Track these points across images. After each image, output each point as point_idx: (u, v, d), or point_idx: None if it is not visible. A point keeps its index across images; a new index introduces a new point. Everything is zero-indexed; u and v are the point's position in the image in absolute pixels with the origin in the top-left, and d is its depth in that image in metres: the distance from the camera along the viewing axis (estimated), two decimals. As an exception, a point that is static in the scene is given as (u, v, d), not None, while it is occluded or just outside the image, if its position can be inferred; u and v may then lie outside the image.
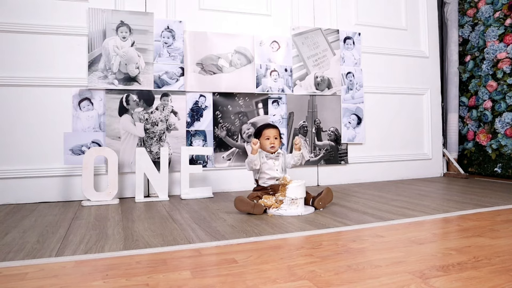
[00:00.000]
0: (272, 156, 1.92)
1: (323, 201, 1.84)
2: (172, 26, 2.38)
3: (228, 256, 1.15)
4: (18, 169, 2.10)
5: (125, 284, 0.95)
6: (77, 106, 2.21)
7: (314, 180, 2.72)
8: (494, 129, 2.93)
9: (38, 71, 2.15)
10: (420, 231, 1.43)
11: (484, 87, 3.02)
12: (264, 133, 1.91)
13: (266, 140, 1.90)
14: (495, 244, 1.24)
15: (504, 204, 1.90)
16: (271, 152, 1.92)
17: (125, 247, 1.25)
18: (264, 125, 1.94)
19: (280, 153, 1.94)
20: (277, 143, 1.92)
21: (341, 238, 1.35)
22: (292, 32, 2.67)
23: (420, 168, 3.06)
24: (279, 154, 1.94)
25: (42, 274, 1.03)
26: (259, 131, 1.95)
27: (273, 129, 1.92)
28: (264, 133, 1.91)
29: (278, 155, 1.93)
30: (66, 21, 2.20)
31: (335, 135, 2.77)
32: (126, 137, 2.28)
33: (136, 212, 1.84)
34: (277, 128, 1.95)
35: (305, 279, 0.96)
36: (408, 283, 0.93)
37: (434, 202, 2.01)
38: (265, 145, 1.91)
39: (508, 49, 2.82)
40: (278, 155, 1.94)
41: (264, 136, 1.91)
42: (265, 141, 1.91)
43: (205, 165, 2.42)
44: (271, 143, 1.90)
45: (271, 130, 1.90)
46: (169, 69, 2.37)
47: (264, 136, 1.91)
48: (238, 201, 1.75)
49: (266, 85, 2.58)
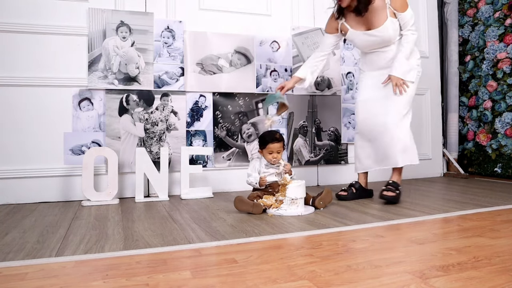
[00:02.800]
0: (273, 165, 1.94)
1: (323, 201, 1.85)
2: (172, 26, 2.38)
3: (228, 256, 1.15)
4: (18, 169, 2.10)
5: (125, 284, 0.95)
6: (77, 106, 2.21)
7: (314, 180, 2.72)
8: (494, 129, 2.93)
9: (38, 71, 2.15)
10: (420, 231, 1.43)
11: (484, 87, 3.02)
12: (268, 147, 1.92)
13: (269, 154, 1.92)
14: (495, 244, 1.24)
15: (504, 204, 1.90)
16: (273, 164, 1.93)
17: (125, 247, 1.25)
18: (270, 137, 1.92)
19: (281, 163, 1.96)
20: (280, 156, 1.94)
21: (341, 238, 1.35)
22: (292, 32, 2.67)
23: (420, 168, 3.05)
24: (279, 163, 1.95)
25: (42, 274, 1.03)
26: (265, 143, 1.93)
27: (277, 143, 1.92)
28: (268, 147, 1.92)
29: (278, 164, 1.95)
30: (66, 21, 2.20)
31: (335, 135, 2.77)
32: (126, 137, 2.28)
33: (136, 212, 1.84)
34: (282, 141, 1.95)
35: (305, 279, 0.96)
36: (408, 283, 0.93)
37: (434, 202, 2.01)
38: (268, 158, 1.93)
39: (508, 49, 2.82)
40: (279, 164, 1.95)
41: (268, 149, 1.92)
42: (268, 154, 1.92)
43: (205, 165, 2.42)
44: (274, 157, 1.92)
45: (275, 144, 1.91)
46: (169, 69, 2.37)
47: (268, 149, 1.92)
48: (237, 201, 1.76)
49: (266, 85, 2.58)
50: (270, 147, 1.91)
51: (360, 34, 2.00)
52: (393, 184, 2.00)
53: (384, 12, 1.92)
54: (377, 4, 1.91)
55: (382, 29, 1.93)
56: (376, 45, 2.02)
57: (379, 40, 1.98)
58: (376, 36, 1.97)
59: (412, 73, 2.00)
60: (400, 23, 1.96)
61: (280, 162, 1.95)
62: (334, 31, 2.09)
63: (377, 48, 2.04)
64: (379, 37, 1.97)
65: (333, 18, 2.06)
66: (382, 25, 1.93)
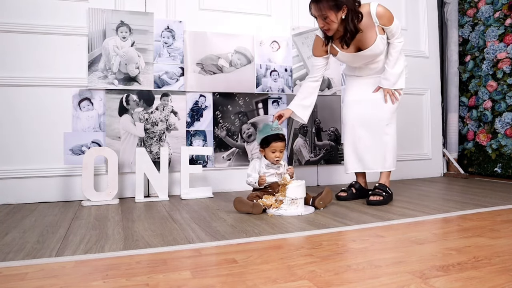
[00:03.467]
0: (274, 166, 1.94)
1: (323, 200, 1.85)
2: (172, 26, 2.38)
3: (228, 256, 1.15)
4: (18, 169, 2.10)
5: (125, 284, 0.95)
6: (77, 106, 2.21)
7: (314, 180, 2.72)
8: (494, 129, 2.93)
9: (38, 71, 2.15)
10: (420, 231, 1.43)
11: (484, 87, 3.02)
12: (271, 146, 1.91)
13: (272, 152, 1.92)
14: (495, 244, 1.24)
15: (504, 204, 1.90)
16: (274, 163, 1.93)
17: (125, 247, 1.25)
18: (273, 135, 1.91)
19: (281, 163, 1.96)
20: (282, 156, 1.94)
21: (341, 238, 1.35)
22: (292, 32, 2.67)
23: (420, 168, 3.06)
24: (280, 164, 1.95)
25: (42, 274, 1.03)
26: (268, 141, 1.92)
27: (280, 142, 1.92)
28: (272, 146, 1.91)
29: (279, 164, 1.95)
30: (66, 21, 2.20)
31: (335, 135, 2.77)
32: (126, 137, 2.28)
33: (136, 212, 1.84)
34: (284, 141, 1.95)
35: (305, 279, 0.96)
36: (408, 283, 0.93)
37: (434, 202, 2.01)
38: (270, 157, 1.92)
39: (508, 49, 2.82)
40: (280, 164, 1.95)
41: (271, 148, 1.92)
42: (271, 153, 1.92)
43: (205, 165, 2.42)
44: (277, 156, 1.91)
45: (278, 143, 1.91)
46: (169, 69, 2.37)
47: (271, 148, 1.92)
48: (237, 202, 1.76)
49: (266, 85, 2.58)
50: (274, 146, 1.91)
51: (350, 55, 1.98)
52: (379, 187, 2.00)
53: (373, 30, 1.88)
54: (365, 24, 1.87)
55: (373, 47, 1.91)
56: (366, 60, 2.01)
57: (369, 57, 1.98)
58: (367, 55, 1.95)
59: (401, 80, 2.01)
60: (388, 35, 1.94)
61: (281, 163, 1.95)
62: (323, 53, 2.04)
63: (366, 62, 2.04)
64: (370, 55, 1.95)
65: (321, 42, 2.01)
66: (373, 44, 1.90)
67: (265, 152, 1.94)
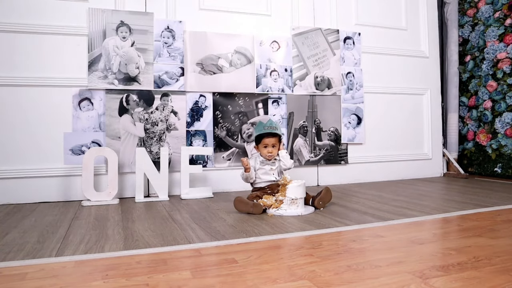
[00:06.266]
0: (269, 162, 1.94)
1: (323, 200, 1.85)
2: (172, 26, 2.38)
3: (228, 256, 1.15)
4: (18, 169, 2.10)
5: (125, 284, 0.95)
6: (77, 106, 2.21)
7: (314, 180, 2.72)
8: (494, 129, 2.93)
9: (38, 71, 2.15)
10: (420, 231, 1.43)
11: (484, 87, 3.02)
12: (263, 141, 1.92)
13: (264, 148, 1.92)
14: (495, 244, 1.24)
15: (504, 204, 1.90)
16: (268, 159, 1.93)
17: (125, 247, 1.25)
18: (265, 132, 1.91)
19: (277, 158, 1.96)
20: (275, 151, 1.94)
21: (341, 238, 1.35)
22: (292, 32, 2.67)
23: (420, 168, 3.06)
24: (275, 159, 1.95)
25: (42, 274, 1.02)
26: (260, 138, 1.93)
27: (272, 137, 1.91)
28: (263, 141, 1.92)
29: (274, 160, 1.95)
30: (66, 21, 2.20)
31: (335, 135, 2.77)
32: (126, 137, 2.28)
33: (136, 212, 1.84)
34: (277, 136, 1.94)
35: (305, 279, 0.96)
36: (408, 283, 0.93)
37: (434, 202, 2.01)
38: (263, 153, 1.93)
39: (508, 49, 2.82)
40: (275, 160, 1.95)
41: (263, 143, 1.92)
42: (263, 149, 1.93)
43: (205, 165, 2.42)
44: (269, 152, 1.91)
45: (270, 139, 1.91)
46: (169, 69, 2.37)
47: (263, 143, 1.92)
48: (237, 202, 1.76)
49: (266, 85, 2.58)
50: (265, 141, 1.91)
51: None
52: None
53: None
54: None
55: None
56: None
57: None
58: None
59: None
60: None
61: (276, 158, 1.95)
62: None
63: None
64: None
65: None
66: None
67: (258, 149, 1.95)
